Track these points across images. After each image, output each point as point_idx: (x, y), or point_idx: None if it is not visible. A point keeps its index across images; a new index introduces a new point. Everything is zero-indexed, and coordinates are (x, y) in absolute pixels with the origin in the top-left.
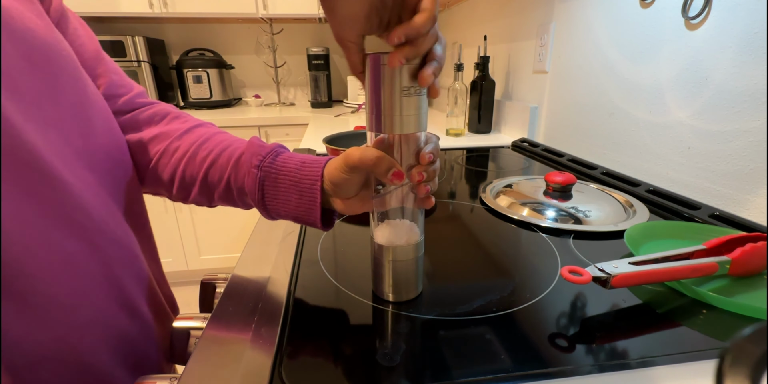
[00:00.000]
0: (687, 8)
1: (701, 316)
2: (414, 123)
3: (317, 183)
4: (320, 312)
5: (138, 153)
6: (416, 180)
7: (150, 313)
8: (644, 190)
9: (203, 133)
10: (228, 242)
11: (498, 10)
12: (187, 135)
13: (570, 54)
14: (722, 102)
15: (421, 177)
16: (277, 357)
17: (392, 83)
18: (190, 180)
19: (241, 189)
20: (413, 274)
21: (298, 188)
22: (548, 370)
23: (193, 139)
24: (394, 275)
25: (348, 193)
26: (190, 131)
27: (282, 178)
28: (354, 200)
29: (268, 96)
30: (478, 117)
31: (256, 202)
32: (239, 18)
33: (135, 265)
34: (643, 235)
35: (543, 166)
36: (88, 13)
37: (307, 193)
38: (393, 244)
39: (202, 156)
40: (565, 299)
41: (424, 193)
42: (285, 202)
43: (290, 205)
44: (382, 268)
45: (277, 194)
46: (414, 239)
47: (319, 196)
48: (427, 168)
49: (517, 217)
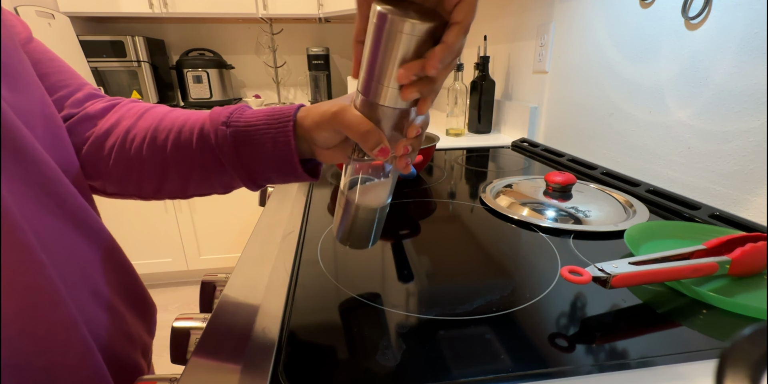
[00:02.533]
0: (687, 8)
1: (701, 316)
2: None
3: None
4: (320, 312)
5: (92, 152)
6: (400, 153)
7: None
8: (644, 190)
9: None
10: (228, 242)
11: (498, 10)
12: (140, 121)
13: (570, 54)
14: (722, 102)
15: (406, 150)
16: (277, 357)
17: (392, 53)
18: (156, 168)
19: (212, 157)
20: (370, 230)
21: (271, 135)
22: (548, 370)
23: (147, 124)
24: (354, 227)
25: (326, 145)
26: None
27: (252, 130)
28: (333, 150)
29: (268, 96)
30: (478, 117)
31: (231, 164)
32: (239, 18)
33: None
34: (643, 235)
35: (543, 166)
36: (88, 13)
37: (281, 139)
38: (362, 203)
39: (162, 138)
40: (565, 299)
41: (402, 166)
42: (262, 155)
43: (266, 156)
44: (347, 219)
45: (252, 149)
46: (382, 202)
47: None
48: (413, 142)
49: (517, 217)
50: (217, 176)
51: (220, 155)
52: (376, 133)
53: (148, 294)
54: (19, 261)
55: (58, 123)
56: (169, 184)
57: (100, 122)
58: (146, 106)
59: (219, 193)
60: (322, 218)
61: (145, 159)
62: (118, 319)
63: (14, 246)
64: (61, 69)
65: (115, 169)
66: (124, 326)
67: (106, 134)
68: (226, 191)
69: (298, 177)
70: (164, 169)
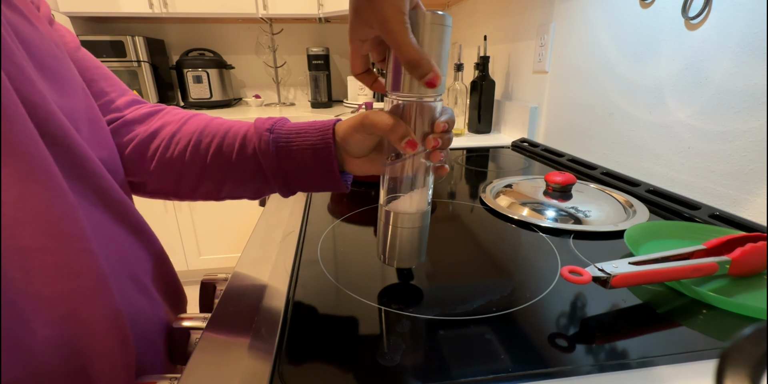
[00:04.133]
0: (687, 8)
1: (701, 316)
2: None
3: (329, 133)
4: (320, 312)
5: (137, 154)
6: (431, 146)
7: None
8: (644, 190)
9: (200, 121)
10: (228, 242)
11: (498, 10)
12: (185, 126)
13: (570, 54)
14: (722, 102)
15: (437, 143)
16: (277, 357)
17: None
18: (197, 170)
19: (251, 162)
20: (418, 242)
21: (311, 142)
22: (548, 370)
23: (192, 129)
24: (400, 242)
25: (359, 152)
26: (186, 123)
27: (294, 137)
28: (364, 160)
29: (268, 96)
30: (478, 117)
31: (270, 169)
32: (239, 18)
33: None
34: (643, 235)
35: (543, 166)
36: (88, 13)
37: (320, 146)
38: (402, 211)
39: (207, 142)
40: (565, 299)
41: (437, 160)
42: (301, 161)
43: (306, 163)
44: (389, 234)
45: (292, 153)
46: (422, 208)
47: (333, 146)
48: (442, 135)
49: (517, 217)
50: (252, 181)
51: (261, 160)
52: (402, 126)
53: (181, 286)
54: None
55: (102, 125)
56: (205, 186)
57: (143, 126)
58: (189, 113)
59: (249, 197)
60: (322, 218)
61: (187, 161)
62: (156, 308)
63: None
64: (105, 76)
65: (158, 169)
66: (161, 314)
67: (151, 137)
68: (255, 196)
69: (333, 183)
70: (203, 171)
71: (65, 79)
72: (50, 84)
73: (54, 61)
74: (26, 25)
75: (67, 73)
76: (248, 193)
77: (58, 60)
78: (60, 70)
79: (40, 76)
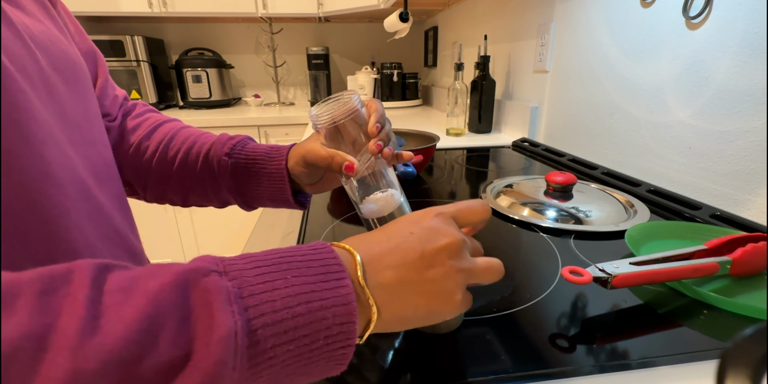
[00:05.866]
0: (688, 8)
1: (702, 316)
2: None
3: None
4: None
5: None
6: (376, 152)
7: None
8: (645, 190)
9: (169, 131)
10: (228, 242)
11: (498, 10)
12: (155, 133)
13: (570, 54)
14: (723, 102)
15: (379, 147)
16: None
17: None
18: (162, 178)
19: (212, 181)
20: None
21: (268, 171)
22: (549, 370)
23: (160, 137)
24: None
25: (311, 181)
26: (156, 130)
27: (251, 164)
28: (320, 183)
29: (267, 96)
30: (478, 117)
31: (229, 189)
32: (239, 17)
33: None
34: (643, 236)
35: (543, 166)
36: (88, 12)
37: (276, 176)
38: (378, 214)
39: (172, 154)
40: (565, 299)
41: (389, 155)
42: (257, 185)
43: (262, 188)
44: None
45: (249, 179)
46: (395, 204)
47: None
48: (381, 137)
49: (518, 217)
50: (215, 195)
51: (220, 181)
52: (336, 157)
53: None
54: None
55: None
56: (171, 195)
57: (120, 128)
58: (160, 118)
59: (216, 206)
60: (321, 218)
61: (153, 170)
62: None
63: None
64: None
65: (127, 172)
66: None
67: (121, 138)
68: (222, 206)
69: (290, 206)
70: (168, 181)
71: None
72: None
73: (73, 64)
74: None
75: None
76: (214, 203)
77: (78, 67)
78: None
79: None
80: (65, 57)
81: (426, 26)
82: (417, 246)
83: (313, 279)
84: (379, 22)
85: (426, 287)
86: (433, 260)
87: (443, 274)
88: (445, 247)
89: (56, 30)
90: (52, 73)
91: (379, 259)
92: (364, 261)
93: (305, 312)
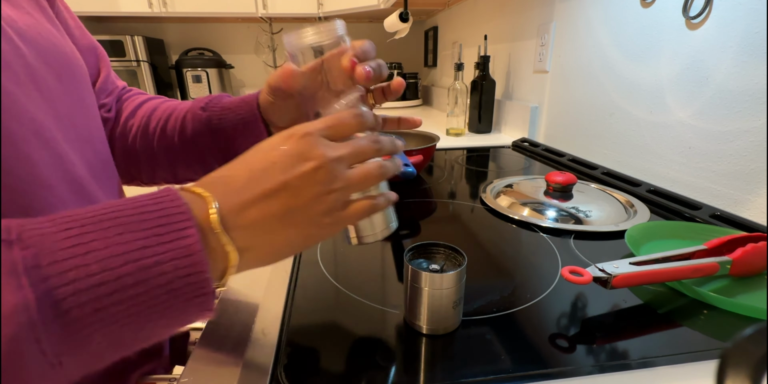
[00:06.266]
0: (688, 8)
1: (702, 316)
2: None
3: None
4: (320, 312)
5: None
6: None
7: None
8: (645, 190)
9: (152, 106)
10: None
11: (498, 10)
12: (138, 111)
13: (570, 54)
14: (723, 102)
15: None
16: (277, 357)
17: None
18: (149, 155)
19: (191, 141)
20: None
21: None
22: (549, 370)
23: (142, 113)
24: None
25: (281, 121)
26: (140, 107)
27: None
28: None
29: None
30: (478, 117)
31: (209, 150)
32: (239, 17)
33: None
34: (643, 235)
35: (543, 166)
36: (88, 12)
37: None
38: (369, 234)
39: (153, 126)
40: (565, 299)
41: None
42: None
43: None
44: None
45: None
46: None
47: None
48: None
49: (518, 217)
50: (200, 163)
51: (199, 140)
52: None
53: None
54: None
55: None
56: (161, 172)
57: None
58: (146, 97)
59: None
60: None
61: (138, 147)
62: None
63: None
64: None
65: (118, 155)
66: None
67: (116, 124)
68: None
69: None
70: (154, 157)
71: (74, 74)
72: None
73: (69, 63)
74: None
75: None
76: (201, 174)
77: (74, 62)
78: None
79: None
80: (57, 51)
81: (426, 26)
82: (280, 176)
83: (144, 234)
84: (379, 22)
85: (297, 218)
86: (299, 188)
87: (312, 199)
88: (311, 172)
89: (48, 23)
90: (41, 68)
91: (240, 198)
92: (222, 204)
93: (135, 270)
